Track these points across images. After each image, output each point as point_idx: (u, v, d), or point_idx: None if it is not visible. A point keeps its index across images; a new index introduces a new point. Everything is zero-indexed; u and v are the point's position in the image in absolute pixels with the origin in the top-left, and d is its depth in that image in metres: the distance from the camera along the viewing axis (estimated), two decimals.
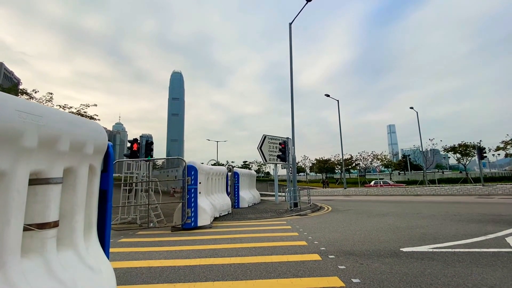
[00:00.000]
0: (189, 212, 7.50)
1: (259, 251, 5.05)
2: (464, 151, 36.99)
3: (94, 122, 2.69)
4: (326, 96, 30.05)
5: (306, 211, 11.41)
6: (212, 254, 4.97)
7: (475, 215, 8.92)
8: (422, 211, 10.67)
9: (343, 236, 6.31)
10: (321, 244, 5.49)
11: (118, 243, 6.19)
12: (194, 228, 7.62)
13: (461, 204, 13.05)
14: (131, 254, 5.20)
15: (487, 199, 15.51)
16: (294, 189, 12.38)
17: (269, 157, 15.20)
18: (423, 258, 4.30)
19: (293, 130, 13.07)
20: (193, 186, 7.73)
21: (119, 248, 5.73)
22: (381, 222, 8.28)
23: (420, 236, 5.94)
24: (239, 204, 13.83)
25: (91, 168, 2.63)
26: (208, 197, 9.63)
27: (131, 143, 10.17)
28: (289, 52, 13.80)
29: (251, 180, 17.65)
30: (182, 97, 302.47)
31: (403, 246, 5.07)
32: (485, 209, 10.53)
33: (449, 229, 6.63)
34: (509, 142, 33.06)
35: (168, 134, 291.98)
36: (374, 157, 54.89)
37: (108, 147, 2.89)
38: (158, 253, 5.21)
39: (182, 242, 6.12)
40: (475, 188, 20.15)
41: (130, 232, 7.66)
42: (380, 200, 17.90)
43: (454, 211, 10.20)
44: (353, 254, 4.63)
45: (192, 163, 7.95)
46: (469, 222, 7.53)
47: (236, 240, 6.16)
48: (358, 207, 13.21)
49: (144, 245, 5.92)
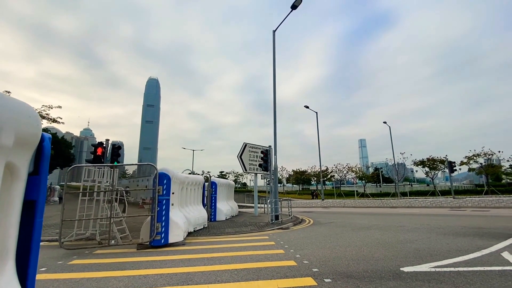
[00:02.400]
0: (159, 227, 6.50)
1: (242, 275, 4.27)
2: (432, 165, 39.13)
3: (16, 100, 1.86)
4: (306, 107, 30.31)
5: (288, 224, 10.76)
6: (185, 280, 4.09)
7: (458, 228, 8.84)
8: (404, 223, 10.49)
9: (333, 253, 5.72)
10: (312, 264, 4.84)
11: (67, 266, 5.05)
12: (164, 245, 6.61)
13: (438, 216, 13.19)
14: (81, 282, 4.15)
15: (460, 211, 15.98)
16: (276, 200, 11.73)
17: (249, 166, 14.50)
18: (430, 280, 3.80)
19: (275, 139, 12.56)
20: (165, 196, 6.78)
21: (68, 273, 4.63)
22: (368, 236, 7.85)
23: (415, 253, 5.52)
24: (216, 217, 12.85)
25: (9, 167, 1.77)
26: (182, 209, 8.65)
27: (94, 147, 8.96)
28: (273, 59, 13.49)
29: (229, 191, 16.74)
30: (157, 104, 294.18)
31: (402, 265, 4.57)
32: (464, 221, 10.61)
33: (440, 244, 6.32)
34: (471, 158, 35.63)
35: (141, 141, 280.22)
36: (349, 169, 56.31)
37: (42, 139, 2.04)
38: (117, 279, 4.21)
39: (149, 263, 5.14)
40: (447, 200, 20.93)
41: (86, 251, 6.45)
42: (359, 212, 17.80)
43: (436, 224, 10.13)
44: (351, 277, 4.03)
45: (164, 170, 7.02)
46: (455, 236, 7.33)
47: (214, 260, 5.30)
48: (339, 220, 12.83)
49: (101, 268, 4.86)
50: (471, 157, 35.95)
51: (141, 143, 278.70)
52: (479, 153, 35.80)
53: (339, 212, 18.98)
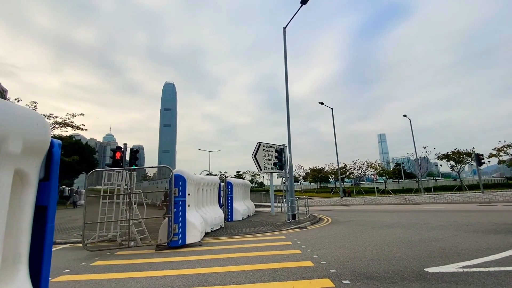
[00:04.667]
0: (176, 228, 6.59)
1: (257, 276, 4.21)
2: (457, 158, 37.07)
3: (23, 107, 1.91)
4: (320, 104, 29.78)
5: (305, 224, 10.58)
6: (200, 281, 4.10)
7: (488, 224, 8.28)
8: (429, 221, 9.99)
9: (352, 252, 5.53)
10: (329, 264, 4.69)
11: (89, 268, 5.23)
12: (182, 246, 6.70)
13: (467, 212, 12.47)
14: (101, 283, 4.27)
15: (490, 206, 15.01)
16: (292, 199, 11.57)
17: (264, 165, 14.43)
18: (457, 282, 3.55)
19: (289, 137, 12.40)
20: (181, 198, 6.86)
21: (90, 274, 4.79)
22: (389, 234, 7.54)
23: (440, 252, 5.21)
24: (233, 217, 12.90)
25: (19, 174, 1.82)
26: (199, 210, 8.74)
27: (113, 151, 9.26)
28: (284, 56, 13.32)
29: (245, 190, 16.76)
30: (174, 107, 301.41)
31: (427, 266, 4.32)
32: (494, 217, 9.94)
33: (468, 242, 5.94)
34: (501, 149, 33.34)
35: (160, 144, 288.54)
36: (368, 166, 54.70)
37: (51, 145, 2.09)
38: (135, 280, 4.30)
39: (166, 264, 5.21)
40: (475, 195, 19.74)
41: (108, 252, 6.67)
42: (380, 210, 17.22)
43: (463, 220, 9.56)
44: (371, 278, 3.85)
45: (179, 172, 7.11)
46: (485, 233, 6.86)
47: (230, 261, 5.29)
48: (359, 218, 12.46)
49: (120, 270, 4.99)
50: (501, 148, 33.65)
51: (160, 146, 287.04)
52: (509, 144, 33.43)
53: (359, 210, 18.46)
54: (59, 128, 29.17)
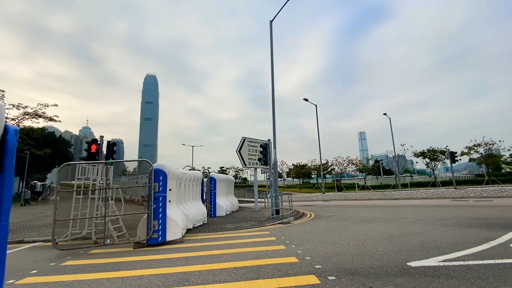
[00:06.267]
0: (155, 224, 6.29)
1: (241, 273, 4.06)
2: (433, 156, 38.85)
3: None
4: (305, 100, 29.95)
5: (289, 219, 10.58)
6: (181, 280, 3.89)
7: (463, 219, 8.66)
8: (407, 216, 10.31)
9: (336, 248, 5.52)
10: (314, 260, 4.63)
11: (59, 268, 4.85)
12: (162, 243, 6.41)
13: (442, 207, 13.02)
14: (72, 284, 3.95)
15: (463, 201, 15.82)
16: (276, 194, 11.52)
17: (248, 161, 14.25)
18: (439, 275, 3.60)
19: (274, 132, 12.29)
20: (161, 193, 6.55)
21: (59, 275, 4.42)
22: (371, 229, 7.66)
23: (420, 246, 5.32)
24: (216, 212, 12.67)
25: None
26: (180, 205, 8.44)
27: (88, 144, 8.70)
28: (270, 50, 13.12)
29: (229, 186, 16.55)
30: (156, 101, 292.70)
31: (409, 260, 4.37)
32: (468, 212, 10.43)
33: (445, 236, 6.13)
34: (472, 148, 35.35)
35: (140, 139, 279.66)
36: (349, 162, 56.05)
37: (5, 131, 1.79)
38: (110, 281, 4.01)
39: (145, 263, 4.94)
40: (448, 191, 20.76)
41: (81, 251, 6.26)
42: (361, 205, 17.65)
43: (439, 215, 9.95)
44: (356, 273, 3.82)
45: (160, 166, 6.78)
46: (461, 227, 7.14)
47: (212, 258, 5.10)
48: (341, 213, 12.66)
49: (94, 270, 4.65)
50: (472, 147, 35.65)
51: (140, 141, 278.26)
52: (479, 143, 35.49)
53: (340, 205, 18.83)
54: (30, 119, 27.33)
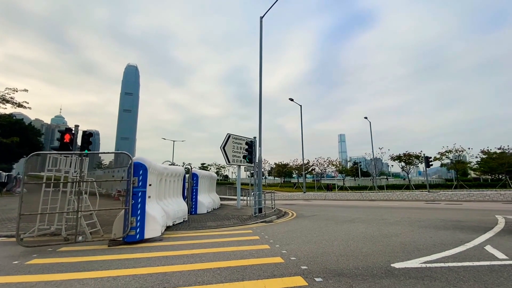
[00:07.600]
0: (133, 221, 5.94)
1: (225, 275, 3.88)
2: (408, 160, 40.78)
3: None
4: (290, 100, 30.11)
5: (272, 217, 10.52)
6: (161, 281, 3.64)
7: (437, 221, 9.02)
8: (386, 217, 10.61)
9: (320, 248, 5.49)
10: (299, 260, 4.56)
11: (24, 267, 4.40)
12: (139, 241, 6.07)
13: (417, 209, 13.57)
14: (37, 285, 3.57)
15: (435, 204, 16.62)
16: (259, 193, 11.42)
17: (232, 158, 14.04)
18: (423, 277, 3.63)
19: (260, 129, 12.17)
20: (141, 188, 6.20)
21: (23, 275, 4.00)
22: (353, 229, 7.76)
23: (401, 247, 5.42)
24: (197, 209, 12.34)
25: None
26: (160, 202, 8.08)
27: (62, 133, 8.07)
28: (259, 47, 12.96)
29: (211, 183, 16.23)
30: (136, 92, 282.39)
31: (392, 261, 4.41)
32: (441, 214, 10.92)
33: (423, 238, 6.32)
34: (444, 154, 37.56)
35: (118, 131, 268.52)
36: (329, 163, 57.42)
37: None
38: (81, 282, 3.68)
39: (121, 263, 4.61)
40: (422, 194, 21.80)
41: (49, 248, 5.77)
42: (340, 205, 18.03)
43: (415, 217, 10.33)
44: (343, 275, 3.78)
45: (140, 160, 6.41)
46: (437, 229, 7.42)
47: (194, 258, 4.87)
48: (322, 213, 12.82)
49: (63, 269, 4.27)
50: (444, 153, 37.85)
51: (118, 133, 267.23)
52: (451, 150, 37.75)
53: (320, 205, 19.13)
54: None
